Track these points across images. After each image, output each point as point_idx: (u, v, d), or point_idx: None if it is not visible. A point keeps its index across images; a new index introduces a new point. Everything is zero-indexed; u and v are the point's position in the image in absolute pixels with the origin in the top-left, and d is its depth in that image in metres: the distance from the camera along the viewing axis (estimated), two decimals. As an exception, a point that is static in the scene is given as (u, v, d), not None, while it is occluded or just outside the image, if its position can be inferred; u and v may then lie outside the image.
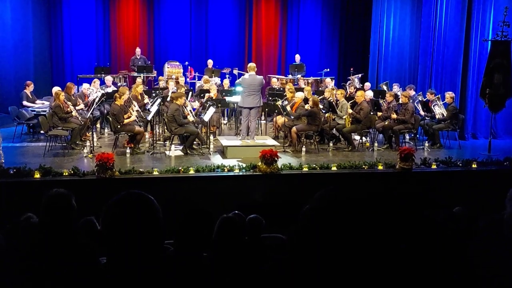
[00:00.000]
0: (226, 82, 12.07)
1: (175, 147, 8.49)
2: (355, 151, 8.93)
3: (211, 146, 8.71)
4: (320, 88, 12.54)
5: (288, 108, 9.46)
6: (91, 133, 8.88)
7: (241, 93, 8.67)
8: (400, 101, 9.49)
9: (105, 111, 9.82)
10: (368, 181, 7.24)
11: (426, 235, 2.11)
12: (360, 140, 9.38)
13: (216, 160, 8.00)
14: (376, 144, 9.20)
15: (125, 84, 12.52)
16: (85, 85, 10.50)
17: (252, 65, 8.69)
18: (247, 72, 8.68)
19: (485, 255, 1.99)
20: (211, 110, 8.72)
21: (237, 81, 8.97)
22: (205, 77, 12.18)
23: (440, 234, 2.15)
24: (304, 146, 8.74)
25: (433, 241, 2.08)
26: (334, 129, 9.47)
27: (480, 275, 1.96)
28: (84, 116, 9.09)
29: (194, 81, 13.50)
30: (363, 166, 7.48)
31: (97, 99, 9.07)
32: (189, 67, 13.59)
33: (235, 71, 13.46)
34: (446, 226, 2.38)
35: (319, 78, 13.56)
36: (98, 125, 10.37)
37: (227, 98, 10.37)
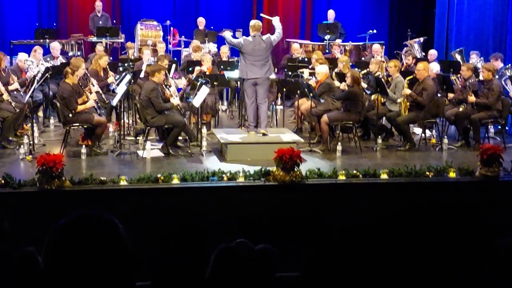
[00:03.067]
0: (225, 50, 12.07)
1: (152, 144, 8.51)
2: (414, 151, 8.88)
3: (204, 143, 8.73)
4: (363, 58, 12.48)
5: (313, 82, 9.43)
6: (30, 124, 8.93)
7: (241, 62, 8.66)
8: (481, 77, 9.41)
9: (51, 93, 9.86)
10: (433, 195, 7.20)
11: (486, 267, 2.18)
12: (423, 135, 9.34)
13: (211, 163, 8.01)
14: (446, 141, 9.14)
15: (79, 53, 12.57)
16: (22, 56, 10.56)
17: (256, 23, 8.64)
18: (250, 34, 8.64)
19: None
20: (204, 90, 8.73)
21: (236, 41, 8.80)
22: (195, 42, 12.19)
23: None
24: (339, 144, 8.71)
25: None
26: (384, 118, 9.42)
27: None
28: (20, 100, 9.13)
29: (179, 48, 13.52)
30: (427, 173, 7.44)
31: (39, 76, 9.11)
32: (171, 28, 13.61)
33: (238, 34, 13.44)
34: None
35: (361, 43, 13.50)
36: (40, 114, 10.40)
37: (227, 74, 10.37)
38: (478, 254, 2.40)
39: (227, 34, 9.35)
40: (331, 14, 14.07)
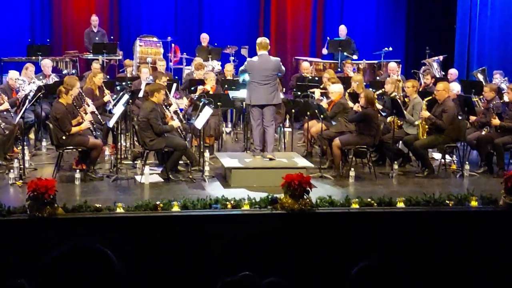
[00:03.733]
0: (230, 68, 12.13)
1: (151, 169, 8.52)
2: (433, 178, 8.87)
3: (207, 167, 8.74)
4: (378, 78, 12.51)
5: (325, 103, 9.44)
6: (20, 147, 8.96)
7: (248, 85, 8.71)
8: (506, 99, 9.41)
9: (43, 114, 9.92)
10: (454, 225, 7.17)
11: None
12: (442, 160, 9.33)
13: (214, 189, 8.01)
14: (467, 167, 9.12)
15: (74, 71, 12.64)
16: (13, 74, 10.64)
17: (263, 41, 8.73)
18: (257, 53, 8.71)
19: None
20: (207, 111, 8.77)
21: (242, 68, 8.98)
22: (198, 60, 12.26)
23: None
24: (352, 169, 8.71)
25: None
26: (401, 142, 9.41)
27: None
28: (10, 121, 9.18)
29: (181, 66, 13.59)
30: (447, 202, 7.42)
31: (31, 95, 9.16)
32: (172, 45, 13.70)
33: (244, 51, 13.52)
34: None
35: (376, 62, 13.54)
36: (31, 136, 10.44)
37: (231, 93, 10.40)
38: None
39: (242, 76, 9.25)
40: (342, 29, 14.08)
